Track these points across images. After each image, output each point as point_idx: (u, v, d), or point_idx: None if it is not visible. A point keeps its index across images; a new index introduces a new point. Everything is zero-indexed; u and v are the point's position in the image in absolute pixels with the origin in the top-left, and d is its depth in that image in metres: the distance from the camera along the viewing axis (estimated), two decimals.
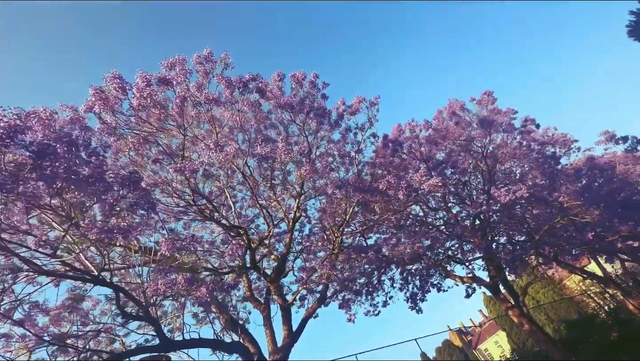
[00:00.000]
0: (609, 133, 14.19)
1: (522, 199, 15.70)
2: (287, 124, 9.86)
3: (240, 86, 7.49)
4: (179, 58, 7.14)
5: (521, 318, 14.02)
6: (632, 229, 15.07)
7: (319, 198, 11.17)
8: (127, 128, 7.16)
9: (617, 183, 12.94)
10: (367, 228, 18.02)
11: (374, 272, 18.72)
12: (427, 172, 9.08)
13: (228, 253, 6.97)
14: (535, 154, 14.45)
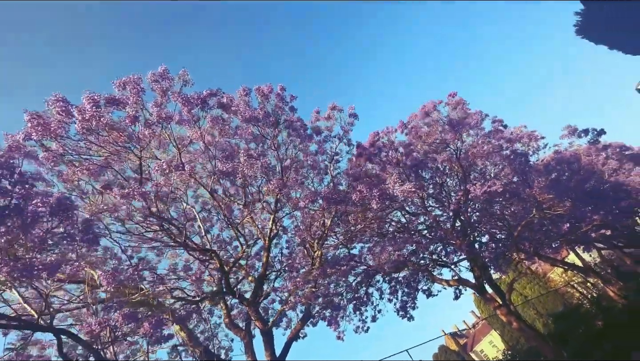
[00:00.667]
0: (571, 127, 14.81)
1: (498, 195, 16.02)
2: (257, 138, 9.58)
3: (198, 103, 7.21)
4: (132, 77, 6.78)
5: (509, 316, 13.97)
6: (603, 218, 15.58)
7: (294, 212, 10.84)
8: (77, 154, 6.66)
9: (583, 174, 13.40)
10: (349, 239, 17.78)
11: (360, 284, 18.37)
12: (400, 178, 9.01)
13: (191, 279, 6.49)
14: (506, 152, 14.81)
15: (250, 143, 9.90)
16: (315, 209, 10.14)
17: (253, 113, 8.30)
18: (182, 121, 8.04)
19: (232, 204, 10.53)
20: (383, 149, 14.64)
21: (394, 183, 8.30)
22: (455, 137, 14.56)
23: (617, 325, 16.38)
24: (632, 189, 15.03)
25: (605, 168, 14.91)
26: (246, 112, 8.20)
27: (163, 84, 7.12)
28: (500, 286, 15.69)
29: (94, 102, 6.04)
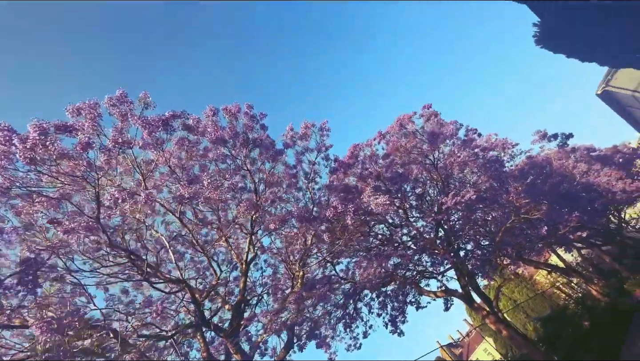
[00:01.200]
0: (541, 132, 15.33)
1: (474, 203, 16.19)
2: (228, 159, 9.28)
3: (159, 125, 6.90)
4: (87, 103, 6.43)
5: (498, 324, 13.82)
6: (579, 219, 15.94)
7: (272, 234, 10.44)
8: (25, 187, 6.15)
9: (556, 177, 13.75)
10: (335, 255, 17.38)
11: (349, 300, 17.89)
12: (375, 191, 8.89)
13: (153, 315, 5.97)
14: (481, 160, 15.07)
15: (222, 164, 9.59)
16: (291, 230, 9.81)
17: (220, 134, 8.05)
18: (147, 145, 7.66)
19: (205, 227, 10.04)
20: (363, 162, 14.63)
21: (369, 196, 8.14)
22: (432, 148, 14.75)
23: (601, 324, 16.60)
24: (603, 189, 15.54)
25: (576, 171, 15.42)
26: (213, 133, 7.94)
27: (122, 108, 6.79)
28: (488, 294, 15.58)
29: (40, 129, 5.62)
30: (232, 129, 8.81)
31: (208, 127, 8.67)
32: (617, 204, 23.12)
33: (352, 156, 14.76)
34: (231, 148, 8.74)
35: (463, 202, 11.63)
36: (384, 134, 14.99)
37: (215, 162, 8.97)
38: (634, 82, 31.92)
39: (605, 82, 33.85)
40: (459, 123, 15.89)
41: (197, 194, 6.67)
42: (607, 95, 35.59)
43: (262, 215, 8.80)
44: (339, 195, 10.70)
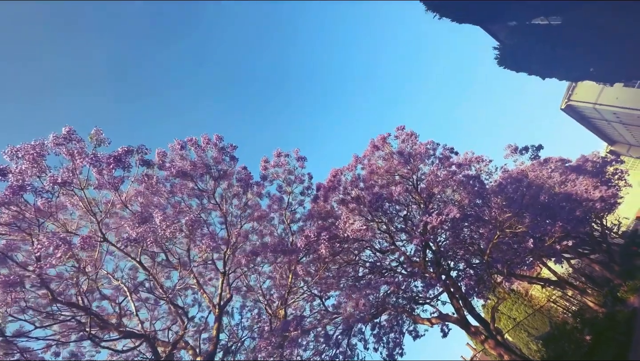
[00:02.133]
0: (512, 146, 15.66)
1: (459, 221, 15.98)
2: (196, 193, 8.77)
3: (111, 162, 6.42)
4: (30, 144, 5.92)
5: (498, 348, 13.03)
6: (563, 229, 15.88)
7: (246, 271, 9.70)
8: None
9: (534, 189, 13.81)
10: (324, 288, 16.50)
11: (343, 336, 16.75)
12: (353, 216, 8.50)
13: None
14: (461, 177, 15.08)
15: (194, 200, 9.05)
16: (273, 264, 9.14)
17: (181, 167, 7.63)
18: (104, 184, 7.11)
19: (173, 270, 9.23)
20: (345, 188, 14.34)
21: (344, 223, 7.72)
22: (411, 169, 14.72)
23: (603, 337, 16.02)
24: (582, 198, 15.71)
25: (552, 181, 15.62)
26: (174, 167, 7.51)
27: (69, 146, 6.32)
28: (486, 313, 14.86)
29: None
30: (200, 162, 8.41)
31: (176, 160, 8.24)
32: (598, 212, 23.54)
33: (332, 181, 14.50)
34: (198, 181, 8.27)
35: (448, 220, 11.35)
36: (360, 158, 14.92)
37: (181, 197, 8.43)
38: (594, 95, 34.06)
39: (567, 97, 35.98)
40: (435, 143, 16.07)
41: (145, 234, 6.03)
42: (571, 109, 37.71)
43: (234, 251, 8.17)
44: (317, 223, 10.22)
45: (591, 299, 21.51)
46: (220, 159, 8.82)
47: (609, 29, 12.34)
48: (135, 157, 7.12)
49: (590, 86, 33.25)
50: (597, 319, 18.15)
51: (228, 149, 8.78)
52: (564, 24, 12.67)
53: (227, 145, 8.73)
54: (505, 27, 16.45)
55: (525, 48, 14.79)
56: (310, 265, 10.35)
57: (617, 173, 26.18)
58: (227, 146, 8.72)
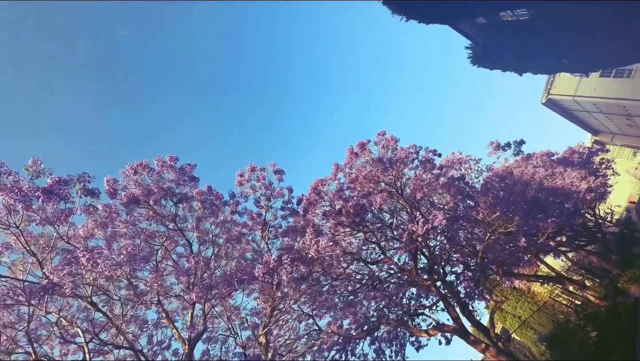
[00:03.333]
0: (494, 143, 15.39)
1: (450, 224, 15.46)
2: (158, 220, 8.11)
3: (39, 196, 5.76)
4: None
5: (500, 356, 12.31)
6: (555, 225, 15.46)
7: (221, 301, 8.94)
8: None
9: (519, 186, 13.43)
10: (317, 307, 15.67)
11: (339, 354, 15.87)
12: (315, 235, 7.89)
13: None
14: (445, 179, 14.66)
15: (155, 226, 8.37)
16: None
17: (133, 194, 7.01)
18: (46, 219, 6.43)
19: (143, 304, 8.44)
20: (331, 200, 13.77)
21: (309, 241, 7.13)
22: (396, 175, 14.25)
23: (607, 333, 15.41)
24: (569, 190, 15.38)
25: (538, 176, 15.29)
26: (123, 196, 6.89)
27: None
28: (481, 323, 14.17)
29: None
30: (156, 186, 7.80)
31: (130, 187, 7.62)
32: (590, 203, 23.31)
33: (313, 192, 13.93)
34: (155, 207, 7.64)
35: (434, 227, 10.82)
36: (341, 167, 14.43)
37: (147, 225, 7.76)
38: (572, 88, 34.49)
39: (547, 91, 36.41)
40: (417, 146, 15.69)
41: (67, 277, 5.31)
42: (552, 102, 38.13)
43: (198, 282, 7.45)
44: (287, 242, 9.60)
45: (592, 293, 20.97)
46: (181, 180, 8.23)
47: (576, 20, 12.27)
48: (77, 187, 6.50)
49: (568, 79, 33.71)
50: (600, 314, 17.57)
51: (186, 169, 8.19)
52: (531, 18, 12.61)
53: (185, 165, 8.15)
54: (476, 25, 16.42)
55: (496, 45, 14.70)
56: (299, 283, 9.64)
57: (603, 162, 26.18)
58: (185, 166, 8.14)
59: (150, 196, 7.30)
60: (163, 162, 7.81)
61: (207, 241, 8.87)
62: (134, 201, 7.08)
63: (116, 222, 7.36)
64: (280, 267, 6.46)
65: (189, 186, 8.50)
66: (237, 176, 10.30)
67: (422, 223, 10.65)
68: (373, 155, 14.06)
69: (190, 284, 7.41)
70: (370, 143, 14.22)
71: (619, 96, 30.26)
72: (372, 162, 13.64)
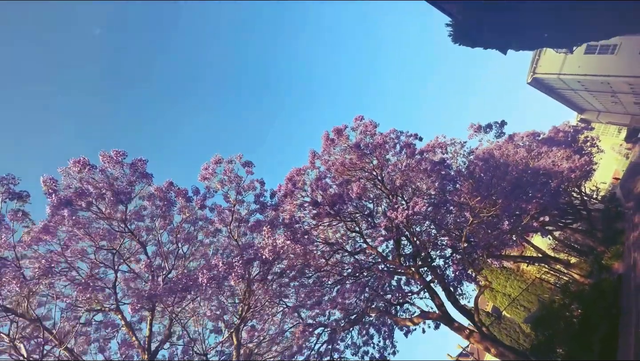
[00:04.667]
0: (474, 125, 14.92)
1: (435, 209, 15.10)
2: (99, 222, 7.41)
3: None
4: None
5: (484, 342, 12.16)
6: (539, 206, 15.23)
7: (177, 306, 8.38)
8: None
9: (500, 168, 13.04)
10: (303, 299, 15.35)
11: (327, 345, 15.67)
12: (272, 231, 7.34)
13: None
14: (426, 164, 14.17)
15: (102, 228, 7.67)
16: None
17: (65, 196, 6.30)
18: None
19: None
20: (310, 189, 13.21)
21: (265, 242, 6.57)
22: (379, 162, 13.71)
23: (592, 310, 15.48)
24: (552, 170, 15.08)
25: (518, 157, 14.95)
26: (54, 198, 6.17)
27: None
28: (465, 308, 14.01)
29: None
30: (103, 183, 7.09)
31: (73, 186, 6.90)
32: (575, 181, 23.29)
33: (289, 182, 13.33)
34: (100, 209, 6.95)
35: (414, 213, 10.37)
36: (319, 154, 13.81)
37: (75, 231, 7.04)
38: (557, 66, 34.10)
39: (532, 70, 35.99)
40: (398, 131, 15.11)
41: None
42: (537, 81, 37.79)
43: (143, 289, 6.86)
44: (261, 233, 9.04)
45: (576, 271, 21.15)
46: (133, 178, 7.53)
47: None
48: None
49: (553, 57, 33.28)
50: (584, 292, 17.67)
51: (138, 166, 7.47)
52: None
53: (136, 161, 7.41)
54: (456, 3, 15.64)
55: (475, 21, 14.01)
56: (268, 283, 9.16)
57: (588, 140, 26.12)
58: (136, 162, 7.41)
59: (84, 197, 6.57)
60: (109, 158, 7.07)
61: (170, 243, 8.25)
62: (65, 202, 6.36)
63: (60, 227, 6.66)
64: (231, 271, 5.89)
65: (144, 183, 7.80)
66: (202, 170, 9.61)
67: (401, 209, 10.19)
68: (351, 141, 13.46)
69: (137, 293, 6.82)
70: (347, 129, 13.59)
71: (604, 73, 30.02)
72: (350, 148, 13.05)
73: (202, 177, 9.65)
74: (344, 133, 13.33)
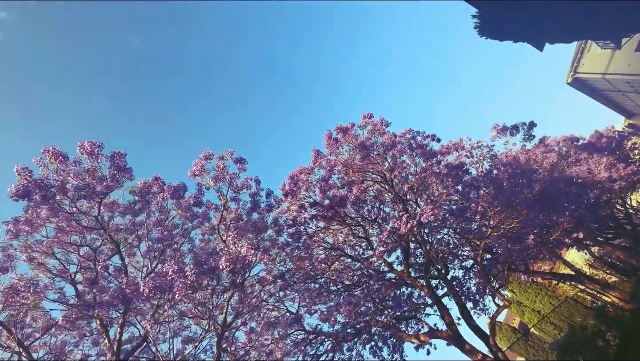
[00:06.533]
0: (499, 126, 13.38)
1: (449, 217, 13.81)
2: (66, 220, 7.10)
3: None
4: None
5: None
6: (574, 218, 13.45)
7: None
8: None
9: (526, 174, 11.55)
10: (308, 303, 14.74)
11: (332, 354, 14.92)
12: (239, 237, 6.63)
13: None
14: (440, 167, 12.95)
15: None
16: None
17: (25, 187, 5.95)
18: None
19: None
20: (301, 191, 12.51)
21: (233, 244, 5.88)
22: (382, 163, 12.72)
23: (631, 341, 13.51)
24: (589, 179, 13.25)
25: (547, 163, 13.25)
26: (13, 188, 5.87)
27: None
28: (480, 328, 12.62)
29: None
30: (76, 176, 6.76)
31: (50, 177, 6.64)
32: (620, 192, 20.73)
33: (291, 180, 12.66)
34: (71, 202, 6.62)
35: (420, 224, 9.32)
36: (324, 155, 13.01)
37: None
38: (602, 65, 30.89)
39: (573, 69, 32.89)
40: (414, 131, 13.98)
41: None
42: (578, 82, 34.52)
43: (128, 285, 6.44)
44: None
45: (615, 294, 18.78)
46: (112, 172, 7.18)
47: None
48: None
49: (597, 55, 30.15)
50: (623, 318, 15.55)
51: (116, 159, 7.10)
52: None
53: (114, 153, 7.04)
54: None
55: (505, 9, 12.57)
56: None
57: (636, 147, 23.31)
58: (114, 155, 7.04)
59: (44, 188, 6.23)
60: (85, 150, 6.75)
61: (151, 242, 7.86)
62: (25, 193, 6.06)
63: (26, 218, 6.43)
64: (178, 281, 5.26)
65: (125, 178, 7.44)
66: (193, 165, 9.16)
67: (405, 219, 9.17)
68: (359, 139, 12.55)
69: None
70: (355, 127, 12.68)
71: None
72: (355, 148, 12.15)
73: (192, 173, 9.20)
74: (350, 132, 12.44)
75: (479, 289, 16.66)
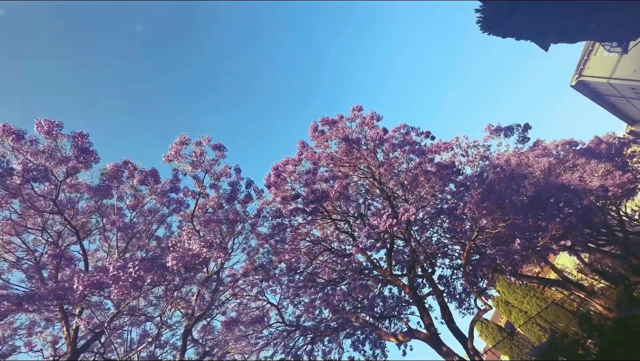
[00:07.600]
0: (492, 126, 12.95)
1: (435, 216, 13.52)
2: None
3: None
4: None
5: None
6: (560, 226, 13.16)
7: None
8: None
9: (515, 178, 11.20)
10: (292, 294, 14.62)
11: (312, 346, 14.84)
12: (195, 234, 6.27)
13: None
14: (429, 166, 12.58)
15: None
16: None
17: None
18: None
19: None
20: (287, 181, 12.14)
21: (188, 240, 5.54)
22: (385, 158, 12.32)
23: (613, 351, 13.39)
24: (582, 187, 12.90)
25: (539, 167, 12.89)
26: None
27: None
28: (460, 331, 12.46)
29: None
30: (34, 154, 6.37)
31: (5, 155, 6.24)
32: (614, 199, 20.44)
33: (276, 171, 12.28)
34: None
35: (398, 223, 9.00)
36: (311, 147, 12.58)
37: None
38: (608, 69, 30.16)
39: (578, 72, 32.15)
40: (408, 126, 13.53)
41: None
42: (583, 85, 33.81)
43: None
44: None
45: (600, 301, 18.70)
46: (75, 153, 6.78)
47: None
48: None
49: (604, 59, 29.37)
50: (605, 326, 15.43)
51: (78, 140, 6.68)
52: None
53: (76, 134, 6.62)
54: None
55: (509, 5, 11.95)
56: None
57: (635, 155, 22.93)
58: (76, 136, 6.62)
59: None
60: (42, 129, 6.33)
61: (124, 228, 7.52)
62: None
63: None
64: (117, 280, 4.93)
65: (91, 160, 7.04)
66: (168, 150, 8.75)
67: (385, 217, 8.84)
68: (347, 132, 12.11)
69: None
70: (344, 120, 12.23)
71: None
72: (341, 141, 11.73)
73: (166, 158, 8.79)
74: (339, 124, 11.99)
75: (465, 288, 16.54)
